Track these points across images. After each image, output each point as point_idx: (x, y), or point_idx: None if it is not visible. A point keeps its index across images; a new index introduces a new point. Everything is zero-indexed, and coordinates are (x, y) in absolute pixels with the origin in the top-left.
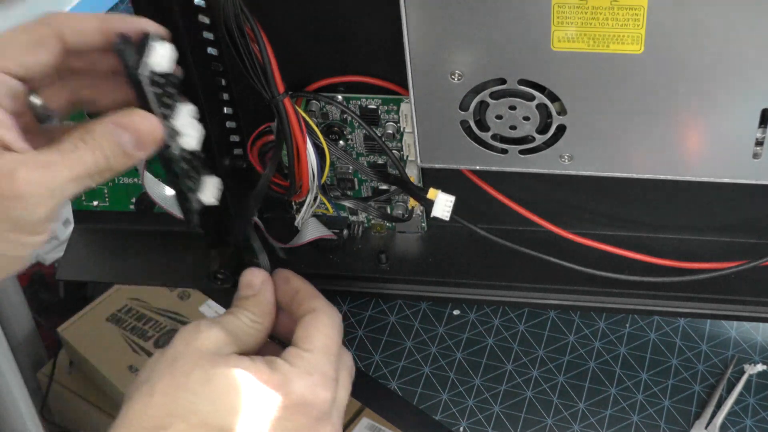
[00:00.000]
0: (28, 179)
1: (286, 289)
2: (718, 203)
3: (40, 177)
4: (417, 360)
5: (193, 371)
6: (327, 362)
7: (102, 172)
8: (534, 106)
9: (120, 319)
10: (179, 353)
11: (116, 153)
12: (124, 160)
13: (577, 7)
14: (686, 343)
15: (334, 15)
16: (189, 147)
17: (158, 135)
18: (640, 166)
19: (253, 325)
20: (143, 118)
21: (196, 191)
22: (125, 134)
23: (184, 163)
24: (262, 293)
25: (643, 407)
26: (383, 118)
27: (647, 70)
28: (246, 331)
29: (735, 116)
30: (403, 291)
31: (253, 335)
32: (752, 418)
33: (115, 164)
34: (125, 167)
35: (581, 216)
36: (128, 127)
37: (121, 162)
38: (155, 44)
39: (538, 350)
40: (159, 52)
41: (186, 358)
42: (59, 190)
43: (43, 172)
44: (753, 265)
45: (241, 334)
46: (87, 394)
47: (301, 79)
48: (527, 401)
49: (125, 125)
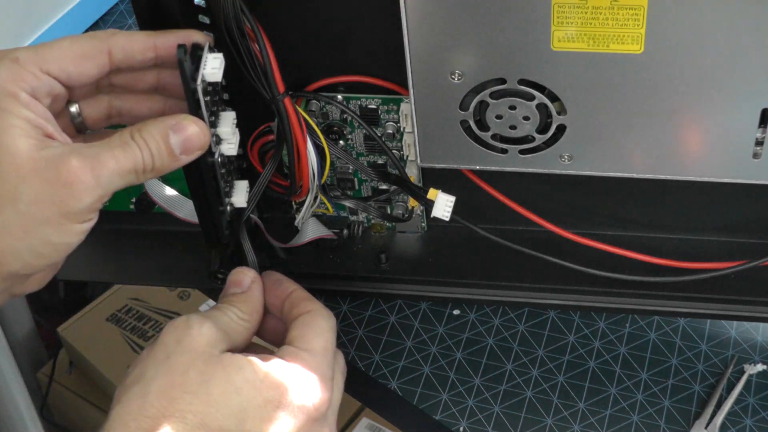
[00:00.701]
0: (78, 167)
1: (277, 292)
2: (718, 203)
3: (89, 166)
4: (417, 360)
5: (188, 371)
6: (324, 362)
7: (147, 171)
8: (534, 106)
9: (120, 319)
10: (171, 351)
11: (163, 153)
12: (169, 161)
13: (577, 7)
14: (686, 343)
15: (334, 15)
16: (229, 153)
17: (206, 142)
18: (640, 166)
19: (242, 322)
20: (194, 124)
21: (230, 195)
22: (176, 136)
23: (222, 169)
24: (250, 291)
25: (643, 407)
26: (383, 118)
27: (647, 70)
28: (235, 328)
29: (735, 116)
30: (403, 291)
31: (241, 333)
32: (752, 418)
33: (160, 164)
34: (168, 169)
35: (581, 216)
36: (180, 130)
37: (166, 163)
38: (209, 55)
39: (538, 350)
40: (212, 63)
41: (179, 356)
42: (106, 181)
43: (92, 162)
44: (753, 265)
45: (231, 331)
46: (87, 394)
47: (301, 79)
48: (527, 401)
49: (177, 128)
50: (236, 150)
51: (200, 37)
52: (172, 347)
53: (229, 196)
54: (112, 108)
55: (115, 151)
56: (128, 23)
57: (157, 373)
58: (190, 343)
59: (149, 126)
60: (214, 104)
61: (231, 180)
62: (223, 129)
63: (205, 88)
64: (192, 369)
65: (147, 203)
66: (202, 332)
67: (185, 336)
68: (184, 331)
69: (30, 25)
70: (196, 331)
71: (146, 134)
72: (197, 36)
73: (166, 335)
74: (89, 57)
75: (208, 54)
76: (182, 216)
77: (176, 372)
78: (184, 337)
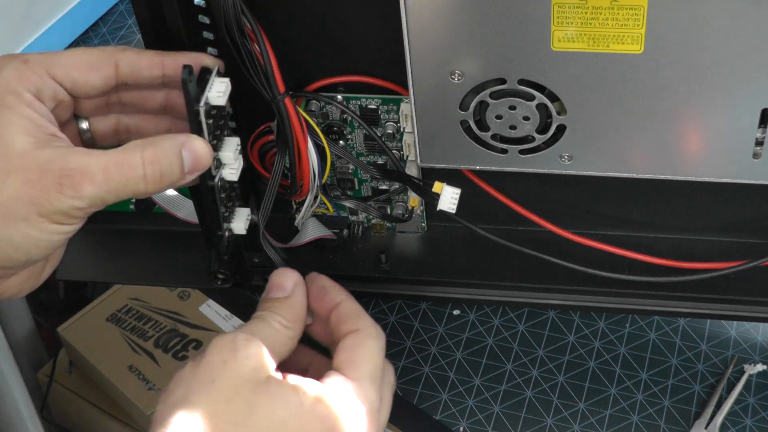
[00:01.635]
0: (81, 161)
1: (323, 301)
2: (718, 203)
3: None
4: (417, 360)
5: (234, 399)
6: (372, 391)
7: (156, 182)
8: (534, 106)
9: (120, 319)
10: (216, 375)
11: (174, 170)
12: (179, 177)
13: (577, 7)
14: (686, 343)
15: (333, 15)
16: (230, 178)
17: (209, 162)
18: (640, 166)
19: (285, 331)
20: (202, 143)
21: (230, 221)
22: (186, 153)
23: (222, 193)
24: (294, 296)
25: (643, 407)
26: (383, 118)
27: (647, 70)
28: (279, 339)
29: (735, 116)
30: (403, 291)
31: (286, 343)
32: (752, 418)
33: (170, 180)
34: (172, 185)
35: (581, 216)
36: (190, 148)
37: (176, 179)
38: (216, 79)
39: (538, 350)
40: (217, 87)
41: (224, 382)
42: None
43: (97, 158)
44: (753, 265)
45: (277, 344)
46: (87, 394)
47: (301, 79)
48: (527, 401)
49: (188, 146)
50: (237, 176)
51: (210, 61)
52: (217, 370)
53: (229, 222)
54: (121, 125)
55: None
56: (128, 23)
57: (201, 398)
58: (235, 368)
59: (163, 139)
60: (218, 128)
61: (232, 206)
62: (226, 154)
63: (208, 111)
64: (238, 397)
65: (147, 203)
66: (249, 355)
67: (231, 359)
68: (231, 354)
69: (30, 25)
70: (242, 353)
71: (160, 146)
72: (207, 60)
73: (212, 356)
74: (95, 67)
75: (216, 78)
76: (182, 216)
77: (221, 400)
78: (230, 361)
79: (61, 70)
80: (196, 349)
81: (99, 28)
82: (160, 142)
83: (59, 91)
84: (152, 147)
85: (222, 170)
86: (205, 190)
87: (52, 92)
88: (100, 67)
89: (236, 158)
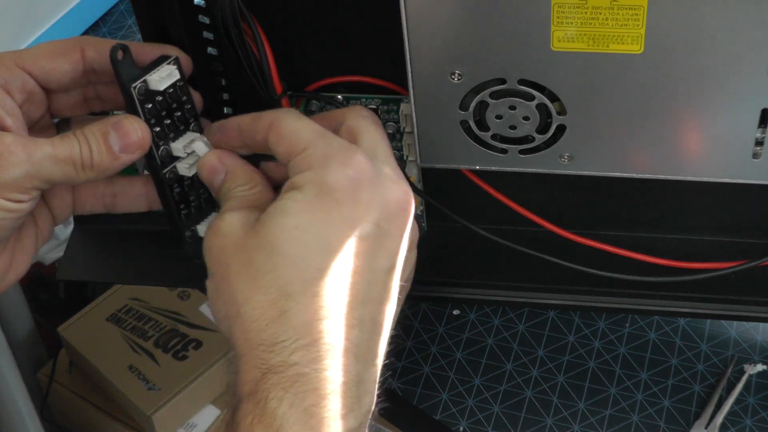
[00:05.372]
0: (10, 141)
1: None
2: (718, 203)
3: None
4: (417, 360)
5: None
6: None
7: (86, 166)
8: (534, 106)
9: (120, 319)
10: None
11: (102, 149)
12: (109, 158)
13: (577, 7)
14: (686, 343)
15: (333, 15)
16: (182, 173)
17: (145, 143)
18: (640, 166)
19: (249, 191)
20: (133, 123)
21: (194, 222)
22: (114, 133)
23: (177, 188)
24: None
25: (643, 407)
26: (383, 118)
27: (647, 70)
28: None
29: (735, 116)
30: None
31: (258, 198)
32: (752, 418)
33: (99, 160)
34: (112, 167)
35: (581, 216)
36: (118, 128)
37: (105, 159)
38: (166, 66)
39: (538, 350)
40: (161, 72)
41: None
42: (37, 161)
43: (27, 140)
44: (753, 265)
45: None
46: (87, 394)
47: (301, 79)
48: (527, 401)
49: (117, 126)
50: (189, 173)
51: (174, 52)
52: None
53: (197, 223)
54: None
55: (54, 140)
56: (128, 23)
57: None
58: (233, 240)
59: (91, 123)
60: (171, 118)
61: (205, 208)
62: (175, 146)
63: (149, 94)
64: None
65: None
66: (233, 222)
67: (223, 239)
68: (219, 238)
69: (30, 25)
70: (226, 226)
71: (86, 130)
72: (171, 50)
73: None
74: (62, 54)
75: (165, 65)
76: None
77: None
78: (223, 241)
79: (30, 60)
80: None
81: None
82: (90, 122)
83: (28, 82)
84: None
85: (177, 164)
86: (157, 182)
87: (20, 83)
88: (67, 53)
89: (188, 153)
